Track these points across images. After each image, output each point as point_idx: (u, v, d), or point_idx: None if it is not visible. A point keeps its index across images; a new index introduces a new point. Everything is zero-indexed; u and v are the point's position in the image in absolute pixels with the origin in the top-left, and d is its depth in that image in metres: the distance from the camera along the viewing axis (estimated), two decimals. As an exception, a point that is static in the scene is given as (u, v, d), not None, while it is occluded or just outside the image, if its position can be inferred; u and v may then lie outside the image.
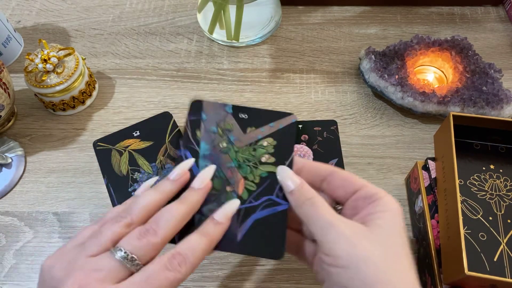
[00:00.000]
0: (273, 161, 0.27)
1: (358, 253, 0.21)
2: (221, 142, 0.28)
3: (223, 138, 0.28)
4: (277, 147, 0.28)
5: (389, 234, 0.22)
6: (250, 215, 0.25)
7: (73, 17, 0.56)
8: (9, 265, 0.38)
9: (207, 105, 0.29)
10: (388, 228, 0.22)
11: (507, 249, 0.33)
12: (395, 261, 0.21)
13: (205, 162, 0.26)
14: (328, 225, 0.22)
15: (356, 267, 0.21)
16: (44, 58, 0.43)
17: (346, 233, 0.22)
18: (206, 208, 0.25)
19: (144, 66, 0.51)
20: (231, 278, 0.36)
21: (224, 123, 0.28)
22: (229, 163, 0.27)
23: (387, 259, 0.21)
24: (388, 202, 0.23)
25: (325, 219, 0.22)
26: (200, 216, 0.25)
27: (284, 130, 0.28)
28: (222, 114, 0.29)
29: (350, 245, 0.21)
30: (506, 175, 0.36)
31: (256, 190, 0.26)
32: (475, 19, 0.55)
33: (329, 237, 0.22)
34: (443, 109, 0.43)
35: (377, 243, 0.21)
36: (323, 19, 0.55)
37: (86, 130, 0.46)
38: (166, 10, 0.57)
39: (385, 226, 0.22)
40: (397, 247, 0.22)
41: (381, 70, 0.45)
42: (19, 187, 0.42)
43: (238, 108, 0.29)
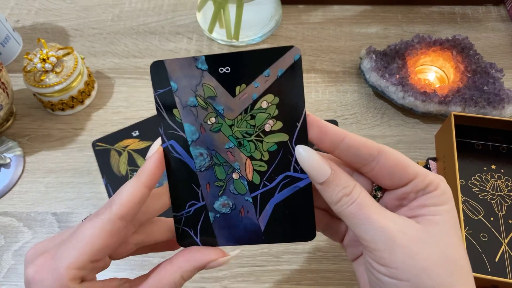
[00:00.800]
0: (280, 127, 0.21)
1: (418, 264, 0.18)
2: (207, 117, 0.21)
3: (208, 111, 0.21)
4: (281, 105, 0.21)
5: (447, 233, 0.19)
6: (269, 200, 0.21)
7: (72, 17, 0.56)
8: (8, 266, 0.37)
9: (174, 66, 0.21)
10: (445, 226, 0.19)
11: (509, 250, 0.33)
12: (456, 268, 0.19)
13: (198, 149, 0.22)
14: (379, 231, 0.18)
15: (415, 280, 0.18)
16: (43, 57, 0.43)
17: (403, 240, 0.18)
18: (217, 204, 0.22)
19: (143, 66, 0.51)
20: (231, 279, 0.36)
21: (203, 88, 0.21)
22: (226, 144, 0.21)
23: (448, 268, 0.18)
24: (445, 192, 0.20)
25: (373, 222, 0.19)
26: (214, 215, 0.22)
27: (286, 77, 0.20)
28: (197, 75, 0.21)
29: (409, 255, 0.18)
30: (507, 175, 0.36)
31: (268, 169, 0.21)
32: (476, 18, 0.54)
33: (382, 245, 0.18)
34: (444, 109, 0.43)
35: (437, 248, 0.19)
36: (323, 18, 0.55)
37: (85, 130, 0.46)
38: (165, 9, 0.56)
39: (442, 223, 0.19)
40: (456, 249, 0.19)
41: (382, 69, 0.45)
42: (18, 187, 0.42)
43: (215, 59, 0.20)
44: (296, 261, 0.37)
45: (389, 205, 0.21)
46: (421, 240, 0.19)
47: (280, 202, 0.21)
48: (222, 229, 0.22)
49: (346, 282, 0.35)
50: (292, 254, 0.37)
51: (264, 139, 0.21)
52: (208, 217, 0.22)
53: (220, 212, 0.22)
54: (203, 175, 0.22)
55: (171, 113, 0.21)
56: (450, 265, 0.18)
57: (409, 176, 0.20)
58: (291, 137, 0.21)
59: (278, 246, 0.38)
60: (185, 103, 0.21)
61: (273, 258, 0.37)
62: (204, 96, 0.21)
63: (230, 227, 0.22)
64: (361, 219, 0.19)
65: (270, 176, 0.21)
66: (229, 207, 0.22)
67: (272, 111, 0.21)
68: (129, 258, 0.37)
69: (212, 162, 0.21)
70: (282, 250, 0.37)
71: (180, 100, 0.21)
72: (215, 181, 0.22)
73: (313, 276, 0.36)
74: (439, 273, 0.18)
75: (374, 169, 0.20)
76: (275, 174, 0.21)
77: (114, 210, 0.20)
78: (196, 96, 0.21)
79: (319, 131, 0.20)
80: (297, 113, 0.20)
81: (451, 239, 0.19)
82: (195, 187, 0.22)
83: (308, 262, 0.37)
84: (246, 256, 0.37)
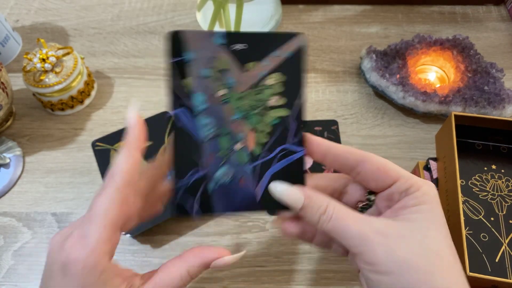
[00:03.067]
0: (284, 102, 0.23)
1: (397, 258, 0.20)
2: (218, 89, 0.23)
3: (219, 82, 0.22)
4: (286, 83, 0.23)
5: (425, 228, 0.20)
6: (266, 171, 0.23)
7: (72, 16, 0.56)
8: (7, 266, 0.37)
9: (192, 38, 0.22)
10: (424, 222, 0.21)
11: (509, 250, 0.32)
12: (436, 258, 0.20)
13: (205, 119, 0.22)
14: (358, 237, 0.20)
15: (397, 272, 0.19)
16: (42, 57, 0.43)
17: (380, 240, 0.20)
18: (219, 173, 0.23)
19: (143, 66, 0.51)
20: (231, 279, 0.36)
21: (217, 61, 0.22)
22: (232, 115, 0.23)
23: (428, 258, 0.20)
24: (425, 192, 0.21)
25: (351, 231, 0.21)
26: (214, 185, 0.23)
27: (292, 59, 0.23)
28: (213, 49, 0.22)
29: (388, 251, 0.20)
30: (508, 175, 0.36)
31: (269, 141, 0.23)
32: (477, 18, 0.54)
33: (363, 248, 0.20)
34: (445, 109, 0.43)
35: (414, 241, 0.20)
36: (323, 18, 0.55)
37: (85, 130, 0.46)
38: (165, 9, 0.56)
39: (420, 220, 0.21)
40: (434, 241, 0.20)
41: (382, 69, 0.45)
42: (18, 187, 0.42)
43: (231, 36, 0.22)
44: (296, 261, 0.37)
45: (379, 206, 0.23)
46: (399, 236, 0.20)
47: (276, 172, 0.23)
48: (220, 198, 0.23)
49: (346, 283, 0.35)
50: (292, 255, 0.37)
51: (268, 112, 0.23)
52: (207, 187, 0.23)
53: (220, 182, 0.23)
54: (207, 145, 0.23)
55: (183, 82, 0.22)
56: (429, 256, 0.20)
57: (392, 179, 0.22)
58: (292, 113, 0.23)
59: (278, 246, 0.38)
60: (198, 74, 0.22)
61: (273, 258, 0.37)
62: (217, 67, 0.22)
63: (228, 196, 0.23)
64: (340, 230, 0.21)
65: (269, 148, 0.23)
66: (229, 177, 0.23)
67: (278, 88, 0.23)
68: (129, 258, 0.37)
69: (217, 133, 0.23)
70: (282, 251, 0.37)
71: (194, 70, 0.22)
72: (218, 151, 0.23)
73: (313, 276, 0.36)
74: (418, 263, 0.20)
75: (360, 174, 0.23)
76: (274, 145, 0.23)
77: (117, 180, 0.21)
78: (210, 67, 0.22)
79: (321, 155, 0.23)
80: (299, 92, 0.23)
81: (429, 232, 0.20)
82: (198, 156, 0.23)
83: (308, 263, 0.36)
84: (246, 256, 0.37)
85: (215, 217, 0.39)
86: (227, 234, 0.38)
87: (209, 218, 0.39)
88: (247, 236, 0.38)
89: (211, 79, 0.22)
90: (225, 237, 0.38)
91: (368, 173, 0.22)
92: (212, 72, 0.22)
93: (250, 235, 0.38)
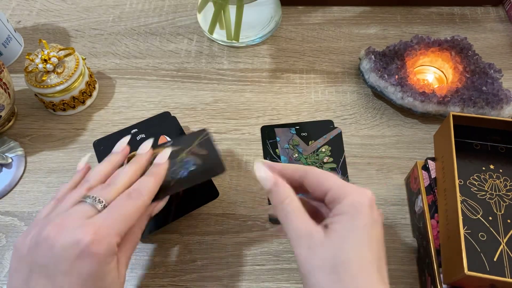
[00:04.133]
0: (332, 160, 0.42)
1: (313, 262, 0.22)
2: (293, 154, 0.42)
3: (294, 151, 0.43)
4: (332, 151, 0.43)
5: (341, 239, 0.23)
6: None
7: (73, 17, 0.56)
8: (9, 265, 0.38)
9: (278, 130, 0.44)
10: (341, 232, 0.23)
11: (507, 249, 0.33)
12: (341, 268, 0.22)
13: None
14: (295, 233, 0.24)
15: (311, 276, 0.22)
16: (44, 58, 0.43)
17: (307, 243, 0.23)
18: None
19: (144, 66, 0.51)
20: (231, 278, 0.36)
21: (292, 141, 0.43)
22: None
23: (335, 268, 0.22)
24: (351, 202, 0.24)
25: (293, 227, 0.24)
26: None
27: (334, 139, 0.44)
28: (289, 135, 0.44)
29: (309, 253, 0.23)
30: (506, 175, 0.36)
31: None
32: (475, 19, 0.55)
33: (294, 243, 0.24)
34: (443, 109, 0.43)
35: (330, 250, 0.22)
36: (323, 19, 0.55)
37: (86, 130, 0.46)
38: (166, 10, 0.57)
39: (339, 230, 0.23)
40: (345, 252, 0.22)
41: (381, 70, 0.45)
42: (20, 187, 0.42)
43: (299, 129, 0.44)
44: (295, 260, 0.37)
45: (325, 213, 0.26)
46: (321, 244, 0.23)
47: None
48: None
49: (346, 281, 0.36)
50: (291, 253, 0.37)
51: (323, 166, 0.42)
52: None
53: None
54: None
55: (275, 151, 0.43)
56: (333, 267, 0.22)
57: (324, 189, 0.25)
58: (337, 165, 0.42)
59: (278, 245, 0.38)
60: (283, 147, 0.43)
61: (272, 257, 0.37)
62: (292, 144, 0.43)
63: None
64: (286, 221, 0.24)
65: None
66: None
67: (327, 153, 0.43)
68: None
69: None
70: (282, 249, 0.38)
71: (280, 145, 0.43)
72: None
73: (312, 275, 0.36)
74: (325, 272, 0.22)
75: (306, 184, 0.26)
76: None
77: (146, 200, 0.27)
78: (288, 144, 0.43)
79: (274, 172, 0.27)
80: (340, 155, 0.43)
81: (344, 244, 0.22)
82: None
83: (308, 261, 0.37)
84: (246, 255, 0.37)
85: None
86: (228, 233, 0.38)
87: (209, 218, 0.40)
88: (247, 235, 0.38)
89: (289, 149, 0.43)
90: (225, 236, 0.38)
91: (309, 185, 0.26)
92: (290, 145, 0.43)
93: (250, 234, 0.38)
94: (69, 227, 0.24)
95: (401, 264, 0.37)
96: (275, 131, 0.44)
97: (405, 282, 0.36)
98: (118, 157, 0.31)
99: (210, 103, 0.48)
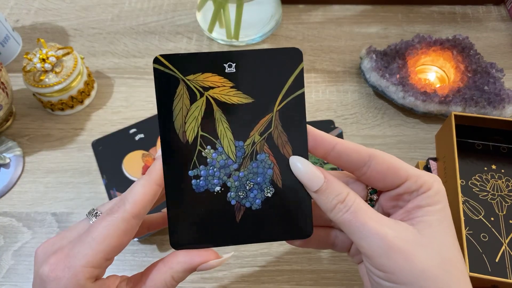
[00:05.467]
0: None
1: (415, 268, 0.18)
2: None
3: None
4: None
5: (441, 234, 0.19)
6: None
7: (72, 16, 0.56)
8: (7, 266, 0.37)
9: None
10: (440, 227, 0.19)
11: (509, 250, 0.32)
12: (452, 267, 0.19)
13: None
14: (375, 237, 0.19)
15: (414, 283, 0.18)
16: (42, 57, 0.43)
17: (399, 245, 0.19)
18: None
19: (143, 66, 0.51)
20: (231, 279, 0.36)
21: None
22: None
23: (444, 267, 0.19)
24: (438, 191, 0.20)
25: (368, 229, 0.19)
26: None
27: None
28: None
29: (405, 259, 0.18)
30: (508, 175, 0.36)
31: None
32: (477, 18, 0.54)
33: (379, 251, 0.19)
34: (445, 109, 0.43)
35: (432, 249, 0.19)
36: (323, 18, 0.55)
37: (85, 130, 0.46)
38: (165, 9, 0.56)
39: (436, 224, 0.19)
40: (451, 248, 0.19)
41: (382, 69, 0.45)
42: (18, 187, 0.42)
43: None
44: (296, 261, 0.37)
45: (384, 206, 0.22)
46: (416, 243, 0.19)
47: None
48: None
49: (346, 283, 0.35)
50: (292, 255, 0.37)
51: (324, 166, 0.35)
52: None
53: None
54: None
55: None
56: (446, 266, 0.19)
57: (401, 179, 0.20)
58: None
59: (278, 246, 0.38)
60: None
61: (273, 258, 0.37)
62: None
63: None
64: (356, 226, 0.19)
65: None
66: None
67: None
68: (129, 258, 0.37)
69: None
70: (282, 251, 0.37)
71: None
72: None
73: (313, 276, 0.36)
74: (436, 274, 0.18)
75: (366, 173, 0.21)
76: None
77: (128, 209, 0.20)
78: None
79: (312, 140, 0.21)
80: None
81: (446, 239, 0.19)
82: None
83: (308, 263, 0.36)
84: (246, 256, 0.37)
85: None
86: (227, 234, 0.38)
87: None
88: (247, 236, 0.38)
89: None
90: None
91: (376, 172, 0.21)
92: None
93: (250, 235, 0.38)
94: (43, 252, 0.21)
95: (402, 265, 0.37)
96: None
97: (406, 283, 0.36)
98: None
99: (210, 102, 0.47)
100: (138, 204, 0.20)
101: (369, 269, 0.20)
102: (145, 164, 0.41)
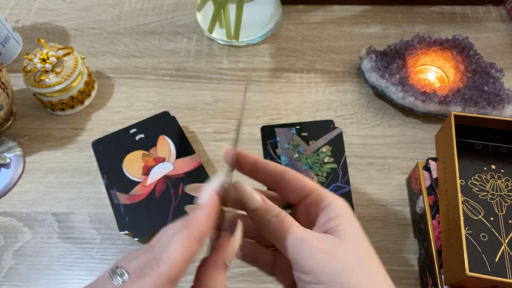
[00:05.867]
0: (332, 160, 0.42)
1: (337, 264, 0.20)
2: (294, 154, 0.42)
3: (294, 151, 0.42)
4: (333, 151, 0.42)
5: (355, 238, 0.22)
6: None
7: (72, 17, 0.56)
8: (8, 266, 0.37)
9: (278, 130, 0.44)
10: (351, 232, 0.22)
11: (509, 250, 0.32)
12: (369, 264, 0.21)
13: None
14: (301, 241, 0.21)
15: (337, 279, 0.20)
16: (43, 57, 0.43)
17: (321, 246, 0.21)
18: None
19: (143, 66, 0.51)
20: (231, 279, 0.36)
21: (292, 141, 0.43)
22: (303, 167, 0.41)
23: (361, 264, 0.21)
24: (340, 205, 0.23)
25: (296, 235, 0.21)
26: None
27: (334, 139, 0.43)
28: (290, 135, 0.43)
29: (328, 257, 0.20)
30: (507, 175, 0.36)
31: (326, 181, 0.41)
32: (476, 18, 0.54)
33: (304, 254, 0.21)
34: (444, 109, 0.43)
35: (349, 249, 0.21)
36: (323, 18, 0.55)
37: (85, 130, 0.46)
38: (165, 9, 0.56)
39: (348, 230, 0.22)
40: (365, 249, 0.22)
41: (382, 69, 0.45)
42: (18, 187, 0.42)
43: (299, 129, 0.44)
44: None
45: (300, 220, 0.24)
46: (336, 245, 0.21)
47: None
48: None
49: (346, 282, 0.35)
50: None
51: (324, 166, 0.42)
52: None
53: None
54: None
55: (275, 151, 0.43)
56: (364, 261, 0.21)
57: (306, 189, 0.23)
58: (338, 165, 0.42)
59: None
60: (283, 147, 0.43)
61: (273, 258, 0.37)
62: (293, 144, 0.43)
63: None
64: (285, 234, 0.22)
65: (327, 185, 0.40)
66: None
67: (328, 153, 0.42)
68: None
69: None
70: (282, 250, 0.37)
71: (280, 145, 0.43)
72: None
73: (313, 276, 0.36)
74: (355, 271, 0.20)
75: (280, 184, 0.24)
76: (330, 183, 0.40)
77: (164, 272, 0.17)
78: (289, 144, 0.43)
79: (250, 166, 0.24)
80: (341, 155, 0.42)
81: (360, 241, 0.22)
82: None
83: (308, 262, 0.37)
84: (246, 256, 0.37)
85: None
86: (227, 234, 0.38)
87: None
88: (247, 236, 0.38)
89: (290, 149, 0.42)
90: (225, 237, 0.38)
91: (288, 183, 0.24)
92: (290, 146, 0.43)
93: (250, 235, 0.38)
94: None
95: (402, 265, 0.37)
96: (275, 131, 0.44)
97: (406, 283, 0.36)
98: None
99: (210, 102, 0.47)
100: (176, 265, 0.17)
101: (298, 277, 0.21)
102: (145, 164, 0.41)
